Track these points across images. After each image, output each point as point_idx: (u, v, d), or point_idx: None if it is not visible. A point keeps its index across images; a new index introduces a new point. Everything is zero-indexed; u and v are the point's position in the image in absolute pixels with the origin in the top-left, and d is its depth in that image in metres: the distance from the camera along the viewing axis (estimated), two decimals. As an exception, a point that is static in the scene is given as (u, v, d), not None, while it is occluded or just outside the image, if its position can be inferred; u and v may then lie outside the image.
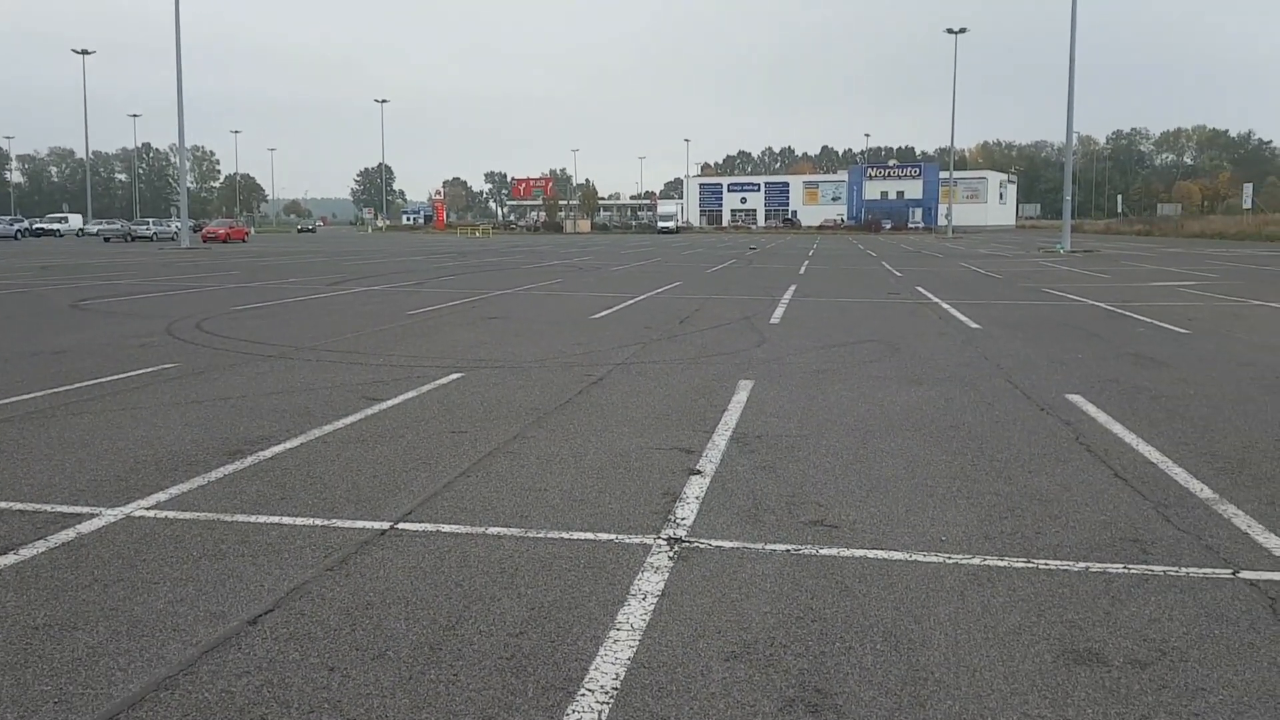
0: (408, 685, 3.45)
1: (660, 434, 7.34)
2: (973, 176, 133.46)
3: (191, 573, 4.50)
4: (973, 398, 8.81)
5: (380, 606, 4.12)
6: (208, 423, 7.63)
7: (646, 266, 34.20)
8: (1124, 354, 11.69)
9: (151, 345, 12.27)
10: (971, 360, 11.19)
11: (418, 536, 5.02)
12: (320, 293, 21.50)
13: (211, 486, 5.89)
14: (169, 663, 3.60)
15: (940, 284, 24.59)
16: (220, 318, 15.86)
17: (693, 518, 5.32)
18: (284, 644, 3.76)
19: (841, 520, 5.28)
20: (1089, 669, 3.59)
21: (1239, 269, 31.74)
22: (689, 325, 15.00)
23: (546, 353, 11.74)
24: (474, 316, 16.28)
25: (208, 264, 35.60)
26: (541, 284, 24.71)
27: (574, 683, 3.47)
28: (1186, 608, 4.14)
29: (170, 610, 4.07)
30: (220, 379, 9.71)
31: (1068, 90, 45.04)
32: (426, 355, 11.43)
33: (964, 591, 4.30)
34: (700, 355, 11.59)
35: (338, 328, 14.43)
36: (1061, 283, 24.99)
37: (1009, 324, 15.15)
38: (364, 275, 28.25)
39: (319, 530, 5.10)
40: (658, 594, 4.26)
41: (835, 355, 11.60)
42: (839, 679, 3.50)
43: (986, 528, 5.17)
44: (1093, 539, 5.00)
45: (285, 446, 6.86)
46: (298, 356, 11.28)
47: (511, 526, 5.17)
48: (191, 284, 24.27)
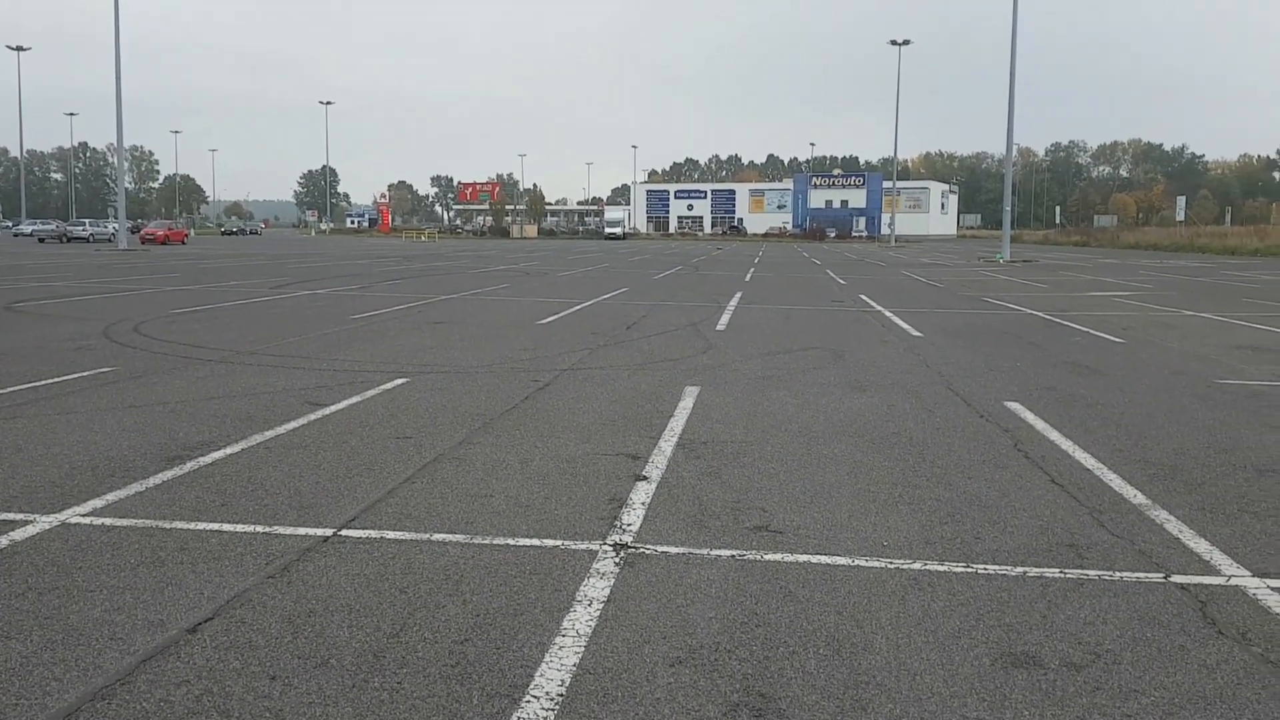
0: (351, 694, 3.42)
1: (607, 440, 7.35)
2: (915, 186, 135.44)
3: (129, 580, 4.42)
4: (914, 405, 8.93)
5: (323, 614, 4.09)
6: (146, 428, 7.49)
7: (594, 272, 34.20)
8: (1061, 362, 11.92)
9: (88, 349, 12.02)
10: (913, 367, 11.34)
11: (361, 543, 4.98)
12: (263, 296, 21.21)
13: (150, 493, 5.79)
14: (106, 672, 3.54)
15: (883, 292, 24.89)
16: (159, 321, 15.58)
17: (639, 524, 5.33)
18: (224, 652, 3.71)
19: (786, 526, 5.33)
20: (1026, 672, 3.66)
21: (1172, 280, 32.53)
22: (636, 331, 15.04)
23: (493, 358, 11.70)
24: (420, 321, 16.17)
25: (146, 266, 34.95)
26: (488, 289, 24.60)
27: (519, 689, 3.46)
28: (1120, 611, 4.23)
29: (107, 619, 4.00)
30: (159, 383, 9.54)
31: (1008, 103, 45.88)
32: (371, 360, 11.33)
33: (905, 596, 4.37)
34: (647, 361, 11.62)
35: (280, 332, 14.24)
36: (1001, 292, 25.43)
37: (950, 332, 15.38)
38: (307, 279, 27.92)
39: (260, 537, 5.04)
40: (604, 600, 4.27)
41: (780, 362, 11.69)
42: (782, 683, 3.54)
43: (927, 533, 5.25)
44: (1030, 544, 5.10)
45: (226, 452, 6.76)
46: (239, 361, 11.13)
47: (457, 533, 5.15)
48: (130, 286, 23.82)
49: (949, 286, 27.82)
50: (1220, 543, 5.14)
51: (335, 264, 38.57)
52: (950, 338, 14.57)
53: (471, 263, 41.60)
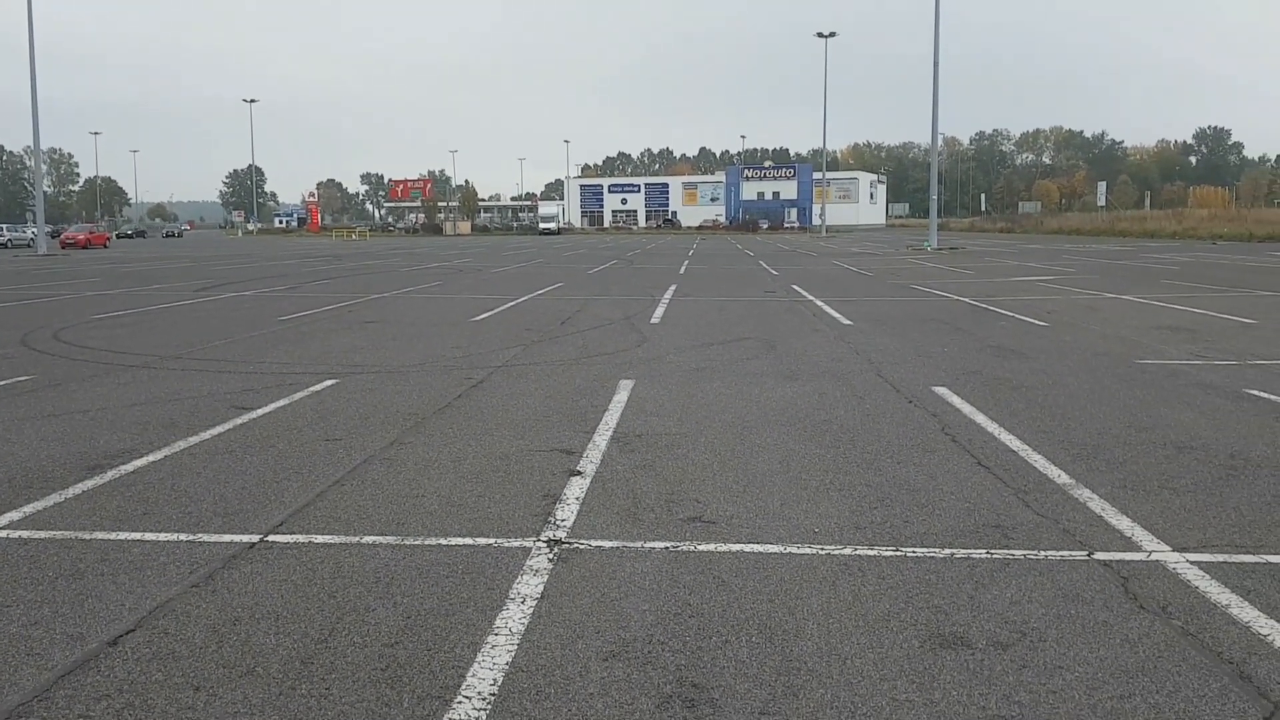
0: (278, 702, 3.36)
1: (541, 436, 7.31)
2: (845, 177, 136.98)
3: (47, 594, 4.30)
4: (844, 392, 9.03)
5: (249, 622, 4.01)
6: (65, 437, 7.29)
7: (528, 268, 34.05)
8: (987, 347, 12.13)
9: (5, 357, 11.67)
10: (843, 355, 11.46)
11: (289, 549, 4.89)
12: (187, 299, 20.77)
13: (69, 503, 5.64)
14: (22, 689, 3.43)
15: (815, 282, 25.13)
16: (80, 327, 15.18)
17: (573, 519, 5.32)
18: (146, 664, 3.62)
19: (719, 516, 5.36)
20: (954, 652, 3.72)
21: (1094, 264, 33.30)
22: (570, 326, 14.99)
23: (425, 356, 11.58)
24: (350, 321, 15.95)
25: (67, 271, 34.03)
26: (420, 287, 24.36)
27: (451, 690, 3.43)
28: (1045, 590, 4.32)
29: (24, 634, 3.88)
30: (79, 391, 9.29)
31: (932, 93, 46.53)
32: (300, 362, 11.15)
33: (835, 581, 4.41)
34: (581, 356, 11.59)
35: (206, 335, 13.96)
36: (929, 279, 25.81)
37: (879, 320, 15.57)
38: (233, 280, 27.40)
39: (184, 546, 4.93)
40: (537, 596, 4.25)
41: (714, 353, 11.74)
42: (715, 673, 3.55)
43: (857, 518, 5.30)
44: (958, 526, 5.18)
45: (148, 460, 6.60)
46: (163, 366, 10.88)
47: (387, 535, 5.09)
48: (49, 292, 23.17)
49: (878, 275, 28.17)
50: (1141, 519, 5.27)
51: (263, 265, 37.91)
52: (879, 325, 14.75)
53: (404, 261, 41.16)
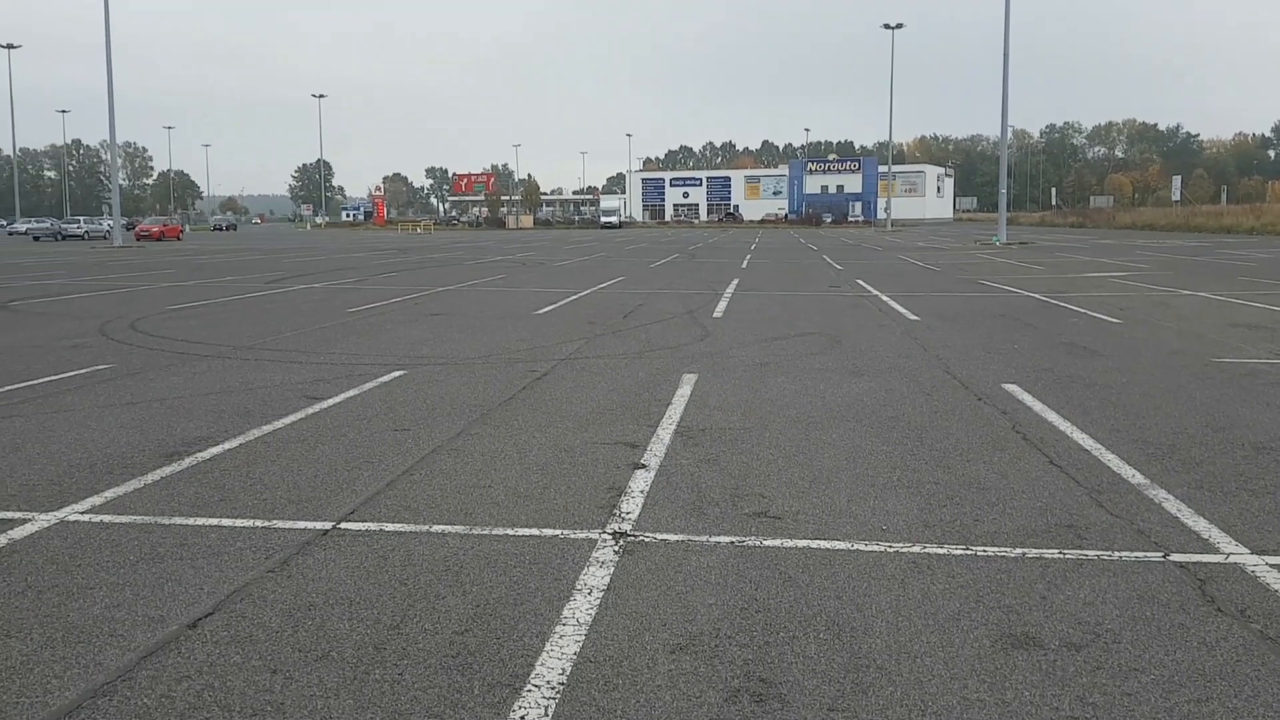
0: (352, 686, 3.42)
1: (605, 429, 7.34)
2: (911, 170, 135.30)
3: (129, 577, 4.42)
4: (912, 388, 8.94)
5: (323, 607, 4.09)
6: (144, 424, 7.49)
7: (590, 262, 34.17)
8: (1058, 344, 11.92)
9: (84, 346, 12.01)
10: (911, 351, 11.34)
11: (361, 536, 4.98)
12: (258, 291, 21.19)
13: (148, 489, 5.79)
14: (106, 669, 3.54)
15: (880, 277, 24.88)
16: (155, 317, 15.56)
17: (638, 512, 5.33)
18: (225, 647, 3.71)
19: (784, 511, 5.34)
20: (1026, 653, 3.67)
21: (1168, 259, 32.53)
22: (633, 320, 15.02)
23: (490, 349, 11.69)
24: (416, 313, 16.15)
25: (141, 263, 34.90)
26: (484, 280, 24.57)
27: (520, 679, 3.47)
28: (1120, 591, 4.24)
29: (107, 616, 4.00)
30: (156, 380, 9.53)
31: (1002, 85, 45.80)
32: (368, 353, 11.32)
33: (904, 579, 4.37)
34: (644, 350, 11.62)
35: (277, 326, 14.23)
36: (997, 274, 25.42)
37: (947, 315, 15.38)
38: (303, 273, 27.89)
39: (259, 531, 5.04)
40: (603, 588, 4.27)
41: (777, 348, 11.69)
42: (783, 668, 3.54)
43: (926, 516, 5.25)
44: (1029, 525, 5.11)
45: (224, 447, 6.76)
46: (236, 356, 11.12)
47: (456, 524, 5.15)
48: (125, 283, 23.78)
49: (945, 270, 27.81)
50: (1219, 521, 5.15)
51: (331, 258, 38.52)
52: (947, 321, 14.57)
53: (467, 254, 41.55)
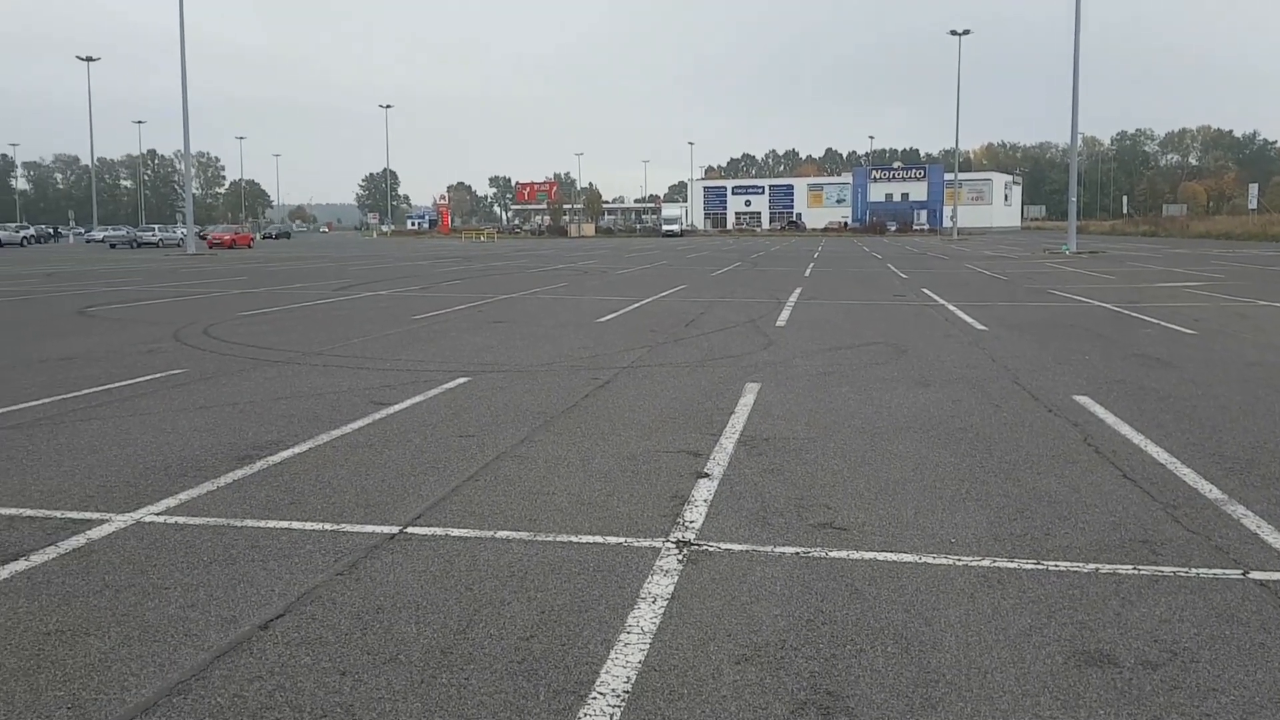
0: (419, 689, 3.45)
1: (668, 437, 7.34)
2: (977, 178, 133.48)
3: (202, 578, 4.51)
4: (980, 399, 8.80)
5: (391, 611, 4.13)
6: (217, 428, 7.65)
7: (651, 270, 34.22)
8: (1131, 355, 11.67)
9: (159, 351, 12.30)
10: (978, 362, 11.18)
11: (427, 540, 5.03)
12: (326, 298, 21.54)
13: (221, 491, 5.91)
14: (181, 668, 3.61)
15: (946, 286, 24.57)
16: (227, 323, 15.90)
17: (701, 521, 5.32)
18: (295, 648, 3.77)
19: (850, 523, 5.29)
20: (1100, 670, 3.59)
21: (1245, 269, 31.69)
22: (695, 328, 15.01)
23: (553, 357, 11.75)
24: (480, 321, 16.30)
25: (213, 270, 35.68)
26: (547, 288, 24.73)
27: (585, 686, 3.47)
28: (1197, 608, 4.13)
29: (182, 615, 4.08)
30: (229, 384, 9.73)
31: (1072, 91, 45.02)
32: (433, 359, 11.45)
33: (974, 593, 4.30)
34: (707, 358, 11.59)
35: (344, 332, 14.45)
36: (1067, 284, 24.97)
37: (1015, 325, 15.14)
38: (369, 280, 28.30)
39: (329, 535, 5.11)
40: (667, 597, 4.27)
41: (842, 358, 11.60)
42: (850, 681, 3.50)
43: (996, 529, 5.17)
44: (1102, 540, 5.00)
45: (294, 451, 6.87)
46: (305, 361, 11.31)
47: (520, 530, 5.18)
48: (198, 290, 24.33)
49: (1013, 279, 27.39)
50: (1301, 538, 4.99)
51: (397, 265, 39.04)
52: (1016, 331, 14.34)
53: (530, 262, 41.85)
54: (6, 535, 5.10)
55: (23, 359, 11.62)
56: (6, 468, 6.47)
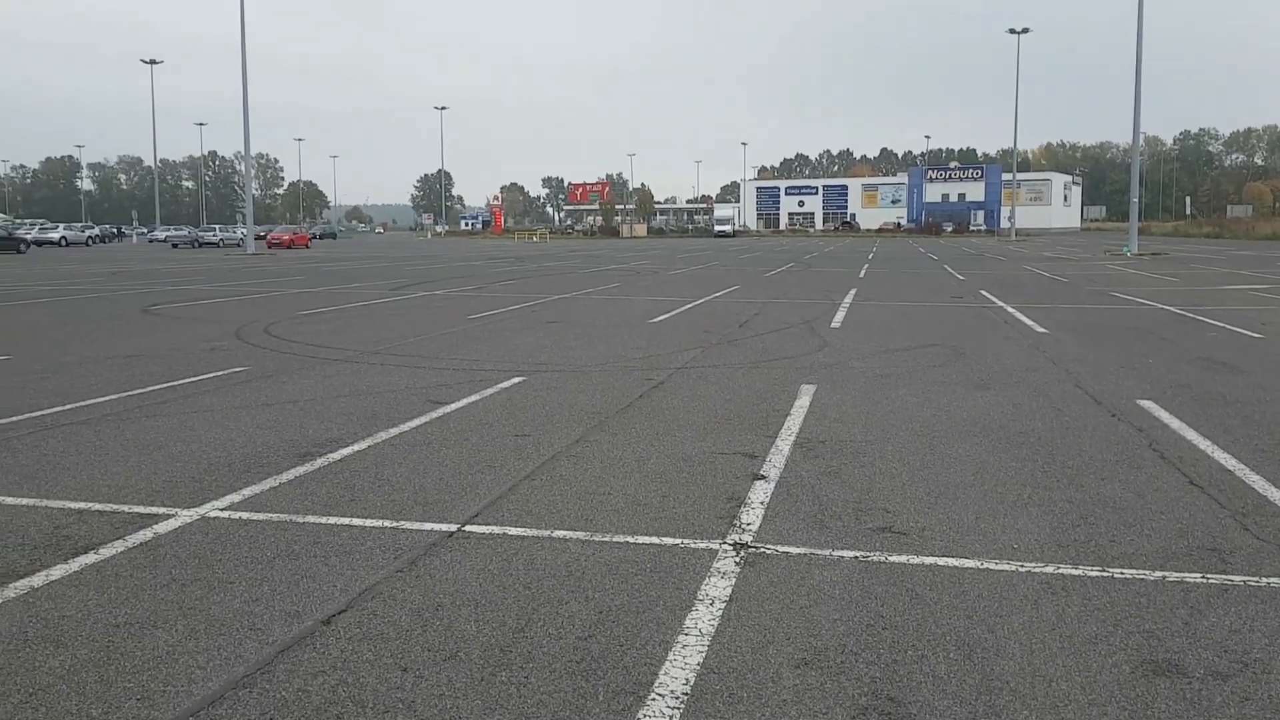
0: (480, 686, 3.47)
1: (723, 438, 7.32)
2: (1036, 178, 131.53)
3: (266, 573, 4.58)
4: (1041, 403, 8.67)
5: (450, 608, 4.16)
6: (278, 425, 7.76)
7: (703, 271, 34.17)
8: (1196, 359, 11.43)
9: (221, 349, 12.51)
10: (1039, 365, 11.01)
11: (485, 539, 5.06)
12: (383, 297, 21.78)
13: (283, 488, 5.99)
14: (247, 661, 3.67)
15: (1004, 288, 24.25)
16: (287, 322, 16.14)
17: (758, 523, 5.30)
18: (358, 644, 3.81)
19: (910, 527, 5.23)
20: (1169, 680, 3.51)
21: (1314, 271, 30.87)
22: (748, 329, 14.95)
23: (606, 357, 11.78)
24: (534, 321, 16.38)
25: (273, 270, 36.24)
26: (599, 288, 24.79)
27: (644, 687, 3.47)
28: (1269, 618, 4.03)
29: (246, 610, 4.15)
30: (289, 382, 9.88)
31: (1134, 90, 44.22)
32: (488, 359, 11.52)
33: (1038, 600, 4.23)
34: (761, 359, 11.55)
35: (401, 332, 14.60)
36: (1129, 286, 24.52)
37: (1076, 328, 14.90)
38: (424, 280, 28.57)
39: (388, 532, 5.16)
40: (725, 599, 4.25)
41: (898, 360, 11.49)
42: (912, 687, 3.47)
43: (1059, 535, 5.08)
44: (1169, 547, 4.90)
45: (354, 449, 6.96)
46: (363, 360, 11.44)
47: (577, 530, 5.19)
48: (258, 289, 24.72)
49: (1074, 281, 26.95)
50: (1378, 549, 4.85)
51: (451, 265, 39.38)
52: (1077, 334, 14.11)
53: (582, 262, 41.98)
54: (76, 529, 5.22)
55: (91, 356, 11.88)
56: (76, 462, 6.62)
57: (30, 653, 3.74)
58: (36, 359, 11.64)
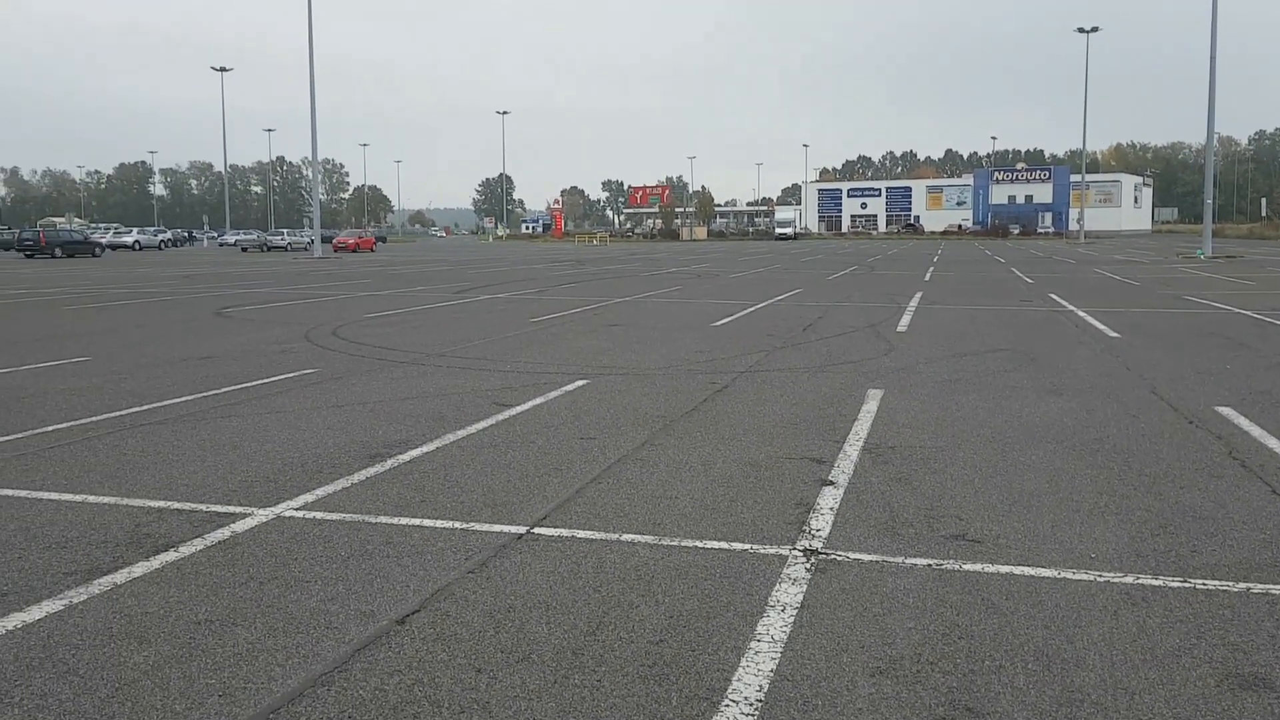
0: (553, 689, 3.49)
1: (789, 443, 7.28)
2: (1106, 179, 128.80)
3: (341, 572, 4.65)
4: (1116, 409, 8.49)
5: (521, 610, 4.19)
6: (348, 426, 7.87)
7: (765, 274, 34.02)
8: (1275, 365, 11.12)
9: (291, 351, 12.73)
10: (1112, 370, 10.79)
11: (554, 541, 5.08)
12: (447, 300, 22.01)
13: (355, 488, 6.08)
14: (324, 660, 3.72)
15: (1075, 291, 23.81)
16: (354, 325, 16.37)
17: (828, 529, 5.25)
18: (432, 644, 3.85)
19: (984, 535, 5.15)
20: (1256, 695, 3.42)
21: (1399, 274, 29.88)
22: (812, 333, 14.86)
23: (669, 360, 11.77)
24: (596, 324, 16.43)
25: (340, 273, 36.80)
26: (660, 291, 24.80)
27: (717, 693, 3.46)
28: (1362, 634, 3.90)
29: (323, 608, 4.21)
30: (358, 384, 10.02)
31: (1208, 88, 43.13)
32: (552, 362, 11.58)
33: (1117, 611, 4.15)
34: (826, 363, 11.46)
35: (466, 334, 14.74)
36: (1204, 290, 23.94)
37: (1150, 333, 14.58)
38: (487, 283, 28.81)
39: (458, 533, 5.21)
40: (797, 606, 4.22)
41: (967, 364, 11.33)
42: (990, 698, 3.41)
43: (1138, 545, 4.97)
44: (1253, 558, 4.77)
45: (422, 450, 7.03)
46: (429, 363, 11.57)
47: (645, 534, 5.20)
48: (325, 292, 25.12)
49: (1146, 284, 26.38)
50: None
51: (513, 269, 39.67)
52: (1151, 339, 13.81)
53: (642, 266, 42.03)
54: (156, 527, 5.34)
55: (166, 357, 12.16)
56: (155, 461, 6.78)
57: (116, 648, 3.83)
58: (115, 360, 11.95)
